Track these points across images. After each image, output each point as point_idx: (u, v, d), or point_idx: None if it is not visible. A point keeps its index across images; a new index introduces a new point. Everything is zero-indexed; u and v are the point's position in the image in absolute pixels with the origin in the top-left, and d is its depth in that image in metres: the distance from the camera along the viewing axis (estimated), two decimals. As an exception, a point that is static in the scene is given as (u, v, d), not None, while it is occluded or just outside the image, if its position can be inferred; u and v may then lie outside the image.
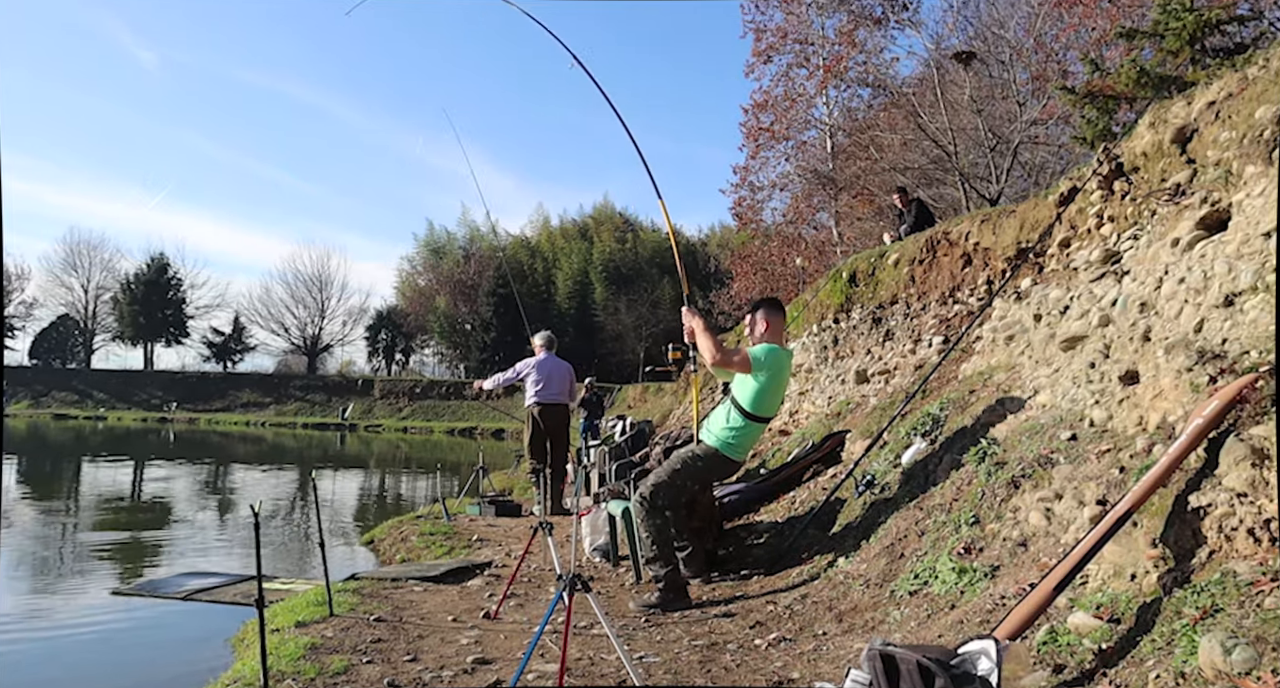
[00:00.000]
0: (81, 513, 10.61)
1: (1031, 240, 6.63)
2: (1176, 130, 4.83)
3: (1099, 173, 5.57)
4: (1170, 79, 7.14)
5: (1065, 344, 4.45)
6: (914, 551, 3.91)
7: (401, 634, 3.84)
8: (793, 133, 22.13)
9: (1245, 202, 3.67)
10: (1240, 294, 3.15)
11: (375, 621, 4.04)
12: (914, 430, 5.22)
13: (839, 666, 3.03)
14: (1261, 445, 2.40)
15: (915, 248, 8.56)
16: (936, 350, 7.08)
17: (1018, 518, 3.48)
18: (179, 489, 13.88)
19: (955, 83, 16.51)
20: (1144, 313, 3.80)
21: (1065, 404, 4.02)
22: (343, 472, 18.60)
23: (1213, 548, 2.39)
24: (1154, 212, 4.87)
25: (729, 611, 4.07)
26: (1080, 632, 2.45)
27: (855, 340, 8.97)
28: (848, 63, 19.28)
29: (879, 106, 20.17)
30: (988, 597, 3.09)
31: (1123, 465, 3.08)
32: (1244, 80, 4.43)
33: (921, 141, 16.97)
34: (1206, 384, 2.92)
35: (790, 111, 21.79)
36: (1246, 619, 2.03)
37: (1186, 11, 7.13)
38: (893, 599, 3.59)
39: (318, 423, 43.81)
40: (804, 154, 22.22)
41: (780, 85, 21.82)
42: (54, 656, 4.50)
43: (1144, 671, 2.12)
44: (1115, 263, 4.90)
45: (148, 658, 4.48)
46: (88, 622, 5.22)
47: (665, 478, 4.50)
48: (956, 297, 7.67)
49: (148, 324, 54.66)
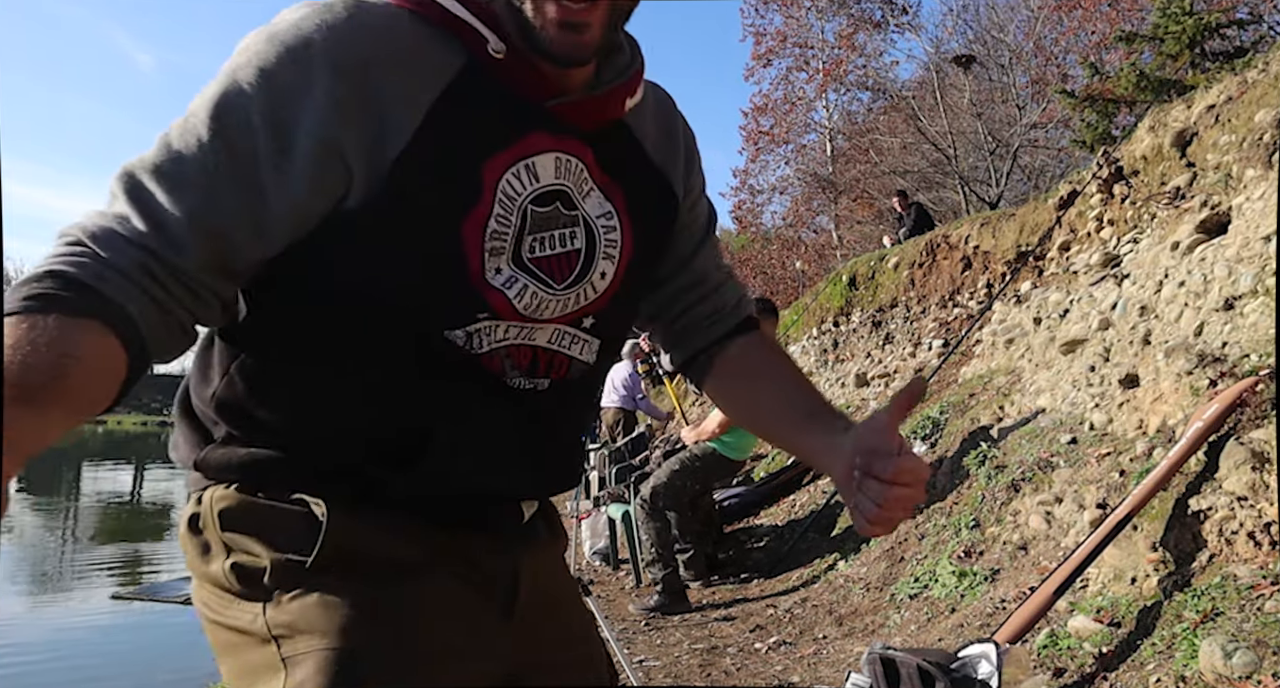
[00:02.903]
0: (82, 517, 10.60)
1: (1031, 244, 6.64)
2: (1176, 134, 4.84)
3: (1099, 176, 5.58)
4: (1170, 83, 7.16)
5: (1065, 347, 4.46)
6: (914, 554, 3.91)
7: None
8: (792, 136, 22.14)
9: (1245, 205, 3.67)
10: (1240, 297, 3.16)
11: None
12: (914, 434, 5.22)
13: (839, 669, 3.03)
14: (1261, 449, 2.40)
15: (915, 251, 8.57)
16: (936, 354, 7.09)
17: (1018, 521, 3.48)
18: (179, 491, 13.89)
19: (955, 86, 16.53)
20: (1144, 316, 3.80)
21: (1065, 407, 4.02)
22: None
23: (1213, 552, 2.38)
24: (1154, 215, 4.88)
25: (729, 614, 4.06)
26: (1080, 635, 2.45)
27: (855, 344, 8.98)
28: (847, 66, 19.30)
29: (879, 110, 20.20)
30: (988, 600, 3.08)
31: (1123, 469, 3.08)
32: (1243, 84, 4.44)
33: (921, 145, 16.99)
34: (1206, 388, 2.92)
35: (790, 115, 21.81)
36: (1247, 623, 2.03)
37: (1186, 15, 7.15)
38: (893, 603, 3.59)
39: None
40: (804, 157, 22.24)
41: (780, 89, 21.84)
42: (55, 659, 4.50)
43: (1144, 674, 2.11)
44: (1115, 266, 4.91)
45: (148, 661, 4.48)
46: (88, 625, 5.22)
47: (665, 480, 4.50)
48: (956, 300, 7.67)
49: (148, 327, 54.64)
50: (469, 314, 0.82)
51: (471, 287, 0.81)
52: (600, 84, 0.87)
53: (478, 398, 0.87)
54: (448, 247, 0.79)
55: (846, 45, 19.19)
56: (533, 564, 0.98)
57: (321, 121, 0.73)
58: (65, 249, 0.70)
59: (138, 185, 0.73)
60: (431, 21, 0.79)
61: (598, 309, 0.92)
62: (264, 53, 0.73)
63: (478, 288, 0.81)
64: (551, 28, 0.76)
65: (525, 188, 0.82)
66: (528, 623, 0.94)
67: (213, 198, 0.73)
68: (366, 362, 0.83)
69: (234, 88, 0.73)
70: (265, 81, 0.73)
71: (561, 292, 0.87)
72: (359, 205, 0.76)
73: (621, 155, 0.91)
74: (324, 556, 0.82)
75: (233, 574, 0.84)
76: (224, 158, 0.73)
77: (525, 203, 0.82)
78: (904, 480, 0.78)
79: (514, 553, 0.96)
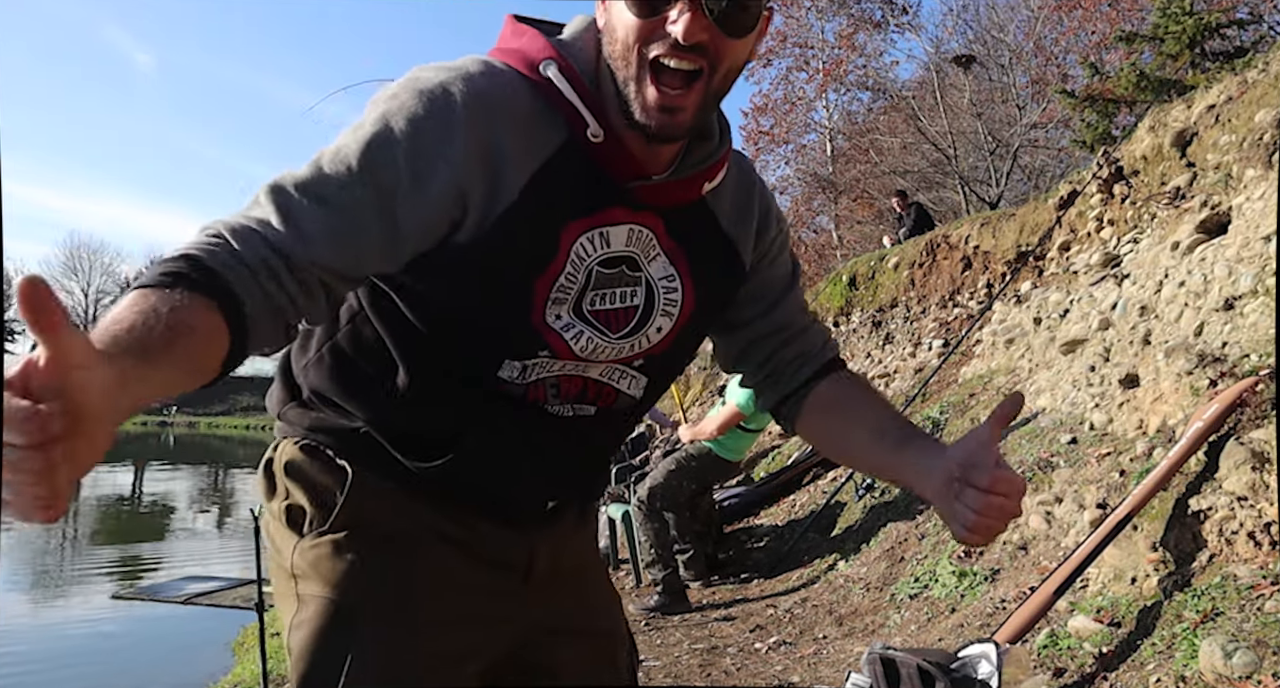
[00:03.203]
0: (82, 518, 10.61)
1: (1031, 244, 6.64)
2: (1176, 134, 4.84)
3: (1099, 176, 5.58)
4: (1170, 83, 7.16)
5: (1065, 347, 4.46)
6: (914, 554, 3.91)
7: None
8: (792, 136, 22.11)
9: (1245, 205, 3.67)
10: (1240, 297, 3.15)
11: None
12: (914, 434, 5.22)
13: (839, 669, 3.03)
14: (1261, 449, 2.40)
15: (915, 251, 8.57)
16: (936, 354, 7.08)
17: (1018, 521, 3.48)
18: (179, 493, 13.89)
19: (955, 86, 16.53)
20: (1144, 316, 3.80)
21: (1065, 407, 4.02)
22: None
23: (1213, 552, 2.38)
24: (1154, 215, 4.88)
25: (729, 614, 4.06)
26: (1081, 635, 2.45)
27: (855, 344, 8.98)
28: (847, 66, 19.28)
29: (879, 110, 20.18)
30: (988, 600, 3.08)
31: (1123, 469, 3.08)
32: (1243, 84, 4.44)
33: (921, 145, 16.98)
34: (1206, 388, 2.92)
35: (790, 115, 21.78)
36: (1247, 623, 2.03)
37: (1186, 15, 7.15)
38: (893, 603, 3.59)
39: (318, 426, 43.67)
40: (804, 157, 22.22)
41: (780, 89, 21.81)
42: (55, 659, 4.50)
43: (1144, 674, 2.11)
44: (1115, 266, 4.91)
45: (148, 662, 4.48)
46: (89, 626, 5.22)
47: (661, 480, 4.50)
48: (956, 300, 7.67)
49: (148, 328, 54.58)
50: (531, 350, 0.96)
51: (533, 327, 0.94)
52: (684, 168, 0.97)
53: (512, 417, 1.00)
54: (520, 292, 0.92)
55: (846, 45, 19.17)
56: (552, 545, 1.08)
57: (454, 170, 0.86)
58: (204, 239, 0.79)
59: (286, 196, 0.83)
60: (543, 96, 0.90)
61: (650, 354, 1.04)
62: (413, 105, 0.86)
63: (538, 329, 0.94)
64: (652, 110, 0.87)
65: (595, 252, 0.95)
66: (544, 597, 1.06)
67: (353, 219, 0.84)
68: (430, 370, 0.97)
69: (386, 131, 0.85)
70: (413, 130, 0.85)
71: (617, 340, 0.99)
72: (464, 242, 0.89)
73: (692, 225, 1.02)
74: (343, 516, 0.98)
75: (284, 514, 1.03)
76: (369, 188, 0.84)
77: (593, 264, 0.95)
78: (1001, 490, 0.84)
79: (530, 535, 1.07)
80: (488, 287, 0.91)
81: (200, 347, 0.72)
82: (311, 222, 0.82)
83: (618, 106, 0.89)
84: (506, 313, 0.93)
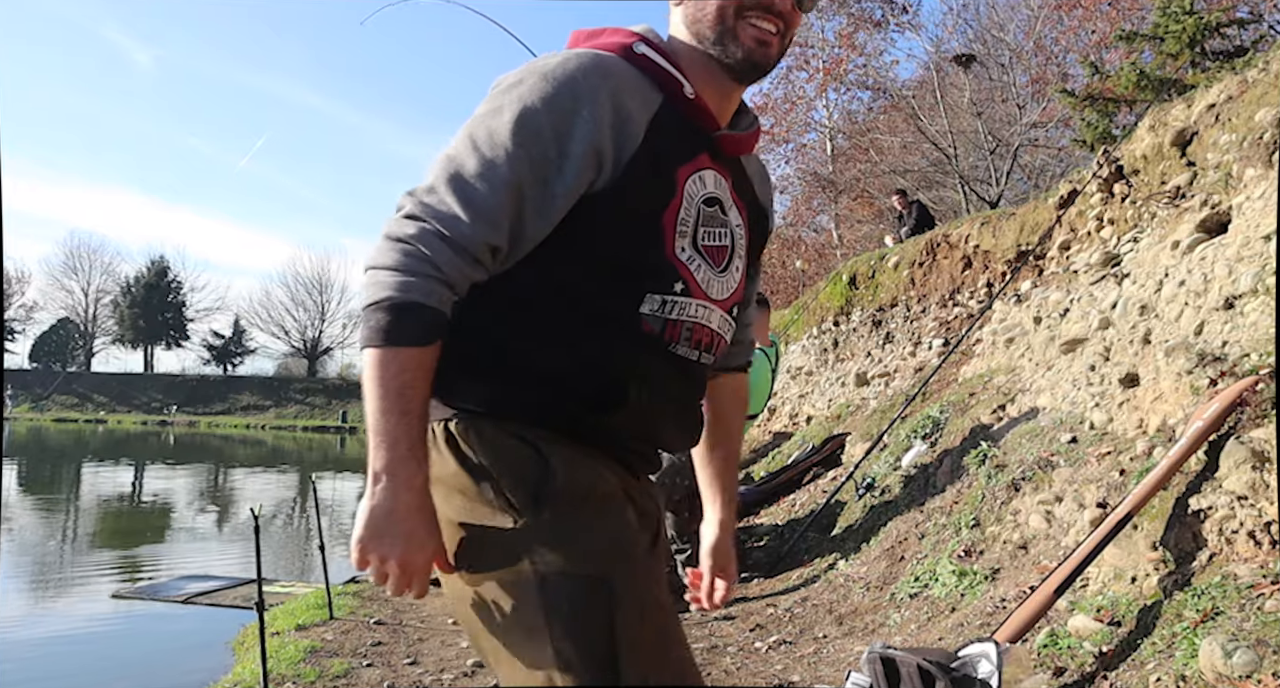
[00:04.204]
0: (82, 516, 10.60)
1: (1031, 243, 6.63)
2: (1176, 133, 4.84)
3: (1099, 176, 5.57)
4: (1170, 82, 7.15)
5: (1065, 347, 4.45)
6: (914, 553, 3.91)
7: (402, 638, 3.84)
8: (793, 135, 22.10)
9: (1245, 204, 3.67)
10: (1240, 297, 3.15)
11: (375, 624, 4.04)
12: (914, 433, 5.22)
13: (839, 669, 3.03)
14: (1262, 448, 2.40)
15: (915, 250, 8.57)
16: (936, 353, 7.08)
17: (1018, 521, 3.48)
18: (179, 492, 13.89)
19: (955, 85, 16.52)
20: (1144, 316, 3.79)
21: (1065, 407, 4.02)
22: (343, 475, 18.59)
23: (1213, 551, 2.38)
24: (1154, 214, 4.88)
25: (728, 613, 4.06)
26: (1081, 635, 2.45)
27: (855, 343, 8.98)
28: (847, 66, 19.26)
29: (879, 109, 20.16)
30: (988, 600, 3.08)
31: (1123, 468, 3.08)
32: (1244, 83, 4.44)
33: (921, 144, 16.97)
34: (1207, 387, 2.91)
35: (790, 114, 21.77)
36: (1247, 622, 2.03)
37: (1186, 14, 7.14)
38: (893, 602, 3.59)
39: (318, 426, 43.71)
40: (804, 157, 22.22)
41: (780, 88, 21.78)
42: (55, 659, 4.49)
43: (1144, 674, 2.11)
44: (1115, 265, 4.91)
45: (148, 662, 4.48)
46: (88, 625, 5.22)
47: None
48: (956, 299, 7.67)
49: (148, 327, 54.59)
50: (668, 282, 1.08)
51: (668, 259, 1.08)
52: (739, 128, 1.20)
53: (655, 362, 1.10)
54: (652, 225, 1.07)
55: (846, 44, 19.15)
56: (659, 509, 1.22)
57: (589, 134, 1.02)
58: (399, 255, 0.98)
59: (464, 185, 1.00)
60: (642, 67, 1.10)
61: (736, 301, 1.21)
62: (543, 87, 1.03)
63: (671, 261, 1.08)
64: (751, 43, 1.10)
65: (700, 190, 1.12)
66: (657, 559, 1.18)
67: (519, 193, 1.01)
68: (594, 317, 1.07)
69: (528, 109, 1.02)
70: (550, 105, 1.02)
71: (719, 275, 1.15)
72: (603, 189, 1.05)
73: (744, 186, 1.23)
74: (556, 487, 1.01)
75: (485, 493, 1.02)
76: (526, 165, 1.01)
77: (699, 202, 1.11)
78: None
79: (655, 496, 1.20)
80: (627, 223, 1.06)
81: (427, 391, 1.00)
82: (491, 208, 0.99)
83: (704, 65, 1.12)
84: (645, 246, 1.07)
